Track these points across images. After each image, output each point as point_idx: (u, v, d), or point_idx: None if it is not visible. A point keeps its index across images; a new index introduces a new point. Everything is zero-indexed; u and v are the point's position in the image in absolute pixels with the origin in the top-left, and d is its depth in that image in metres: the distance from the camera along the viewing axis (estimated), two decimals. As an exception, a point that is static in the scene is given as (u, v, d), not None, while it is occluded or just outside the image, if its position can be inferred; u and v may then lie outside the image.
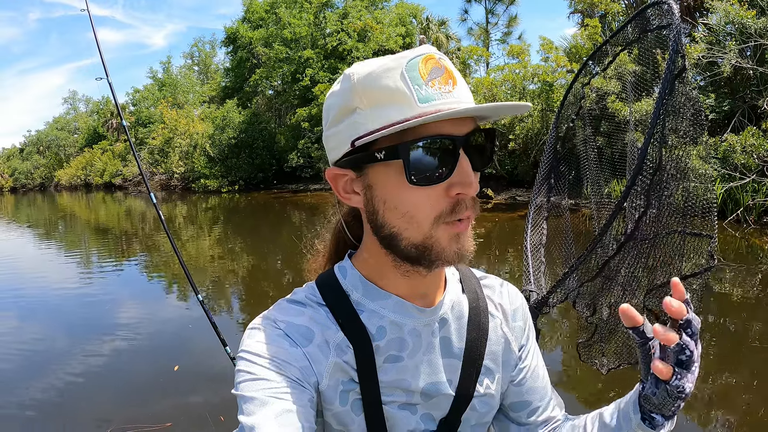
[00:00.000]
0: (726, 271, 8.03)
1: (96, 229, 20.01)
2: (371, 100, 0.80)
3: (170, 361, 5.49)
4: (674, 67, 1.46)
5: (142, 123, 50.15)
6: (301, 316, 0.89)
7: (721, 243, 10.23)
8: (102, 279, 10.56)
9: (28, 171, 75.56)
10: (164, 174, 40.52)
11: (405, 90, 0.78)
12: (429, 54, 0.80)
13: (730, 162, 11.38)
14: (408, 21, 35.07)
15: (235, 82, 42.47)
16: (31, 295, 9.24)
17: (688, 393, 0.76)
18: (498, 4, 35.59)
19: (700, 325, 0.76)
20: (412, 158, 0.78)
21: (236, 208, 25.46)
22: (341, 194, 0.89)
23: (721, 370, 4.67)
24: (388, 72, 0.79)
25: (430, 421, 0.94)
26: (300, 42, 34.06)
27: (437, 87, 0.79)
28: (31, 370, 5.56)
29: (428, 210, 0.80)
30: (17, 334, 6.91)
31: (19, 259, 13.85)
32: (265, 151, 35.36)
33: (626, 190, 1.60)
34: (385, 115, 0.79)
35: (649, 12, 1.71)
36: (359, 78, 0.81)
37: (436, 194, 0.80)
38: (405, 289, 0.91)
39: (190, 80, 57.15)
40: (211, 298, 8.22)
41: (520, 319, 1.07)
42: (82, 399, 4.79)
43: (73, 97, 77.10)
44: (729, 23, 12.85)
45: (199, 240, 15.36)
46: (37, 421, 4.41)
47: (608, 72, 2.17)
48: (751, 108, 13.26)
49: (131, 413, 4.36)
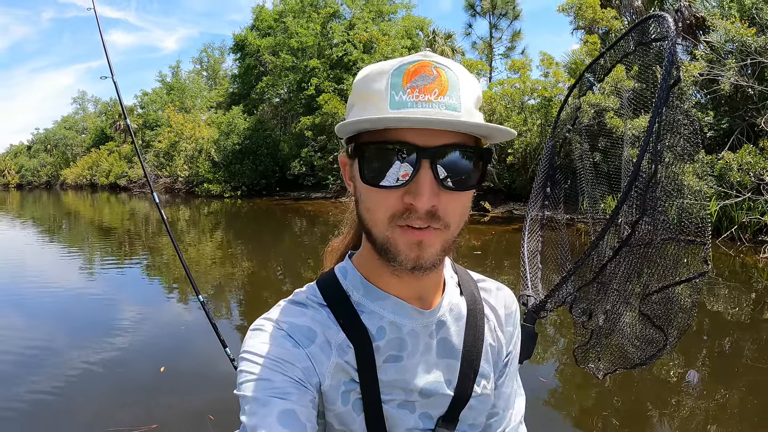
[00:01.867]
0: (720, 289, 8.02)
1: (99, 229, 19.96)
2: (360, 99, 0.84)
3: (158, 363, 5.42)
4: (670, 78, 1.48)
5: (150, 126, 50.20)
6: (303, 317, 0.90)
7: (715, 261, 10.19)
8: (100, 278, 10.51)
9: (35, 168, 75.60)
10: (169, 177, 40.54)
11: (383, 94, 0.79)
12: (423, 61, 0.80)
13: (726, 180, 11.35)
14: (414, 33, 35.10)
15: (242, 88, 42.52)
16: (25, 293, 9.13)
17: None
18: (502, 18, 35.68)
19: None
20: (366, 159, 0.80)
21: (238, 213, 25.40)
22: (347, 180, 0.92)
23: (716, 389, 4.65)
24: (377, 75, 0.82)
25: (428, 420, 0.94)
26: (307, 51, 34.15)
27: (415, 95, 0.78)
28: (15, 370, 5.39)
29: (383, 210, 0.81)
30: (3, 333, 6.72)
31: (19, 255, 13.80)
32: (268, 158, 35.34)
33: (623, 196, 1.61)
34: (361, 114, 0.82)
35: (646, 25, 1.73)
36: (358, 78, 0.85)
37: (394, 197, 0.80)
38: (402, 290, 0.92)
39: (198, 85, 57.21)
40: (209, 301, 8.21)
41: (512, 324, 1.10)
42: (65, 401, 4.65)
43: (82, 97, 77.35)
44: (729, 41, 12.84)
45: (200, 244, 15.34)
46: (16, 423, 4.27)
47: (605, 88, 2.19)
48: (750, 126, 13.23)
49: (117, 415, 4.27)
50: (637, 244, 1.69)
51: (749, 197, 11.14)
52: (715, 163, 11.61)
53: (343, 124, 0.79)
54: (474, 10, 35.49)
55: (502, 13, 35.27)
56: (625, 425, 4.11)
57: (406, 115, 0.75)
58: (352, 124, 0.78)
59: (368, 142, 0.80)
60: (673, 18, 1.63)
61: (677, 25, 17.81)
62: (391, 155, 0.78)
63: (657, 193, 1.59)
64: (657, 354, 1.75)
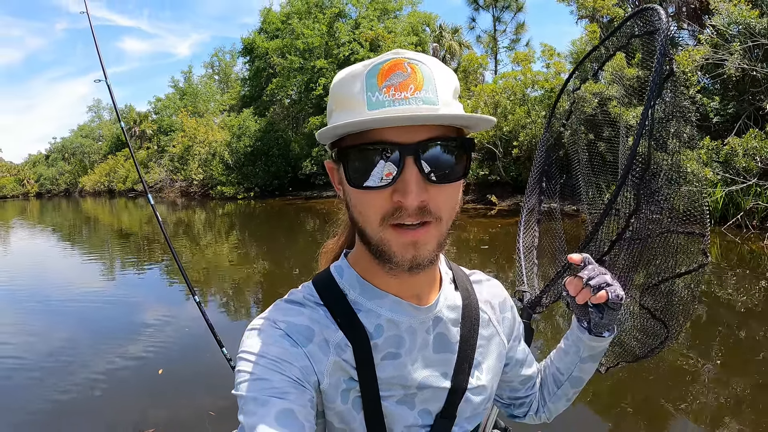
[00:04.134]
0: (729, 278, 7.89)
1: (118, 234, 20.21)
2: (337, 104, 0.84)
3: (158, 365, 5.38)
4: (662, 71, 1.45)
5: (164, 131, 50.65)
6: (301, 316, 0.89)
7: (722, 248, 10.06)
8: (114, 282, 10.70)
9: (54, 177, 76.68)
10: (184, 181, 40.90)
11: (359, 96, 0.79)
12: (395, 59, 0.79)
13: (732, 165, 11.12)
14: (421, 29, 35.04)
15: (253, 91, 42.71)
16: (22, 296, 9.24)
17: (622, 295, 1.01)
18: (505, 11, 35.50)
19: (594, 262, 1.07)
20: (350, 163, 0.80)
21: (251, 214, 25.65)
22: (336, 185, 0.91)
23: (728, 379, 4.55)
24: (352, 78, 0.81)
25: (427, 416, 0.95)
26: (314, 52, 34.19)
27: (391, 93, 0.77)
28: (11, 374, 5.37)
29: (373, 211, 0.81)
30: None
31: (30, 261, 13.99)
32: (280, 158, 35.55)
33: (617, 189, 1.58)
34: (340, 119, 0.80)
35: (638, 17, 1.69)
36: (334, 83, 0.85)
37: (382, 197, 0.80)
38: (398, 288, 0.92)
39: (210, 89, 57.58)
40: (220, 301, 8.25)
41: (507, 311, 1.13)
42: (58, 407, 4.56)
43: (97, 105, 77.75)
44: (732, 23, 12.49)
45: (216, 245, 15.46)
46: (12, 429, 4.22)
47: (607, 77, 2.15)
48: (757, 110, 12.93)
49: (113, 420, 4.24)
50: (635, 237, 1.66)
51: (756, 183, 10.93)
52: (720, 149, 11.36)
53: (323, 131, 0.78)
54: (477, 3, 35.42)
55: (505, 6, 35.10)
56: (640, 418, 4.04)
57: (383, 115, 0.75)
58: (331, 129, 0.77)
59: (351, 145, 0.80)
60: (665, 10, 1.59)
61: (679, 14, 17.71)
62: (374, 156, 0.77)
63: (656, 183, 1.55)
64: (659, 346, 1.71)
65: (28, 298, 9.11)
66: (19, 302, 8.82)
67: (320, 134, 0.79)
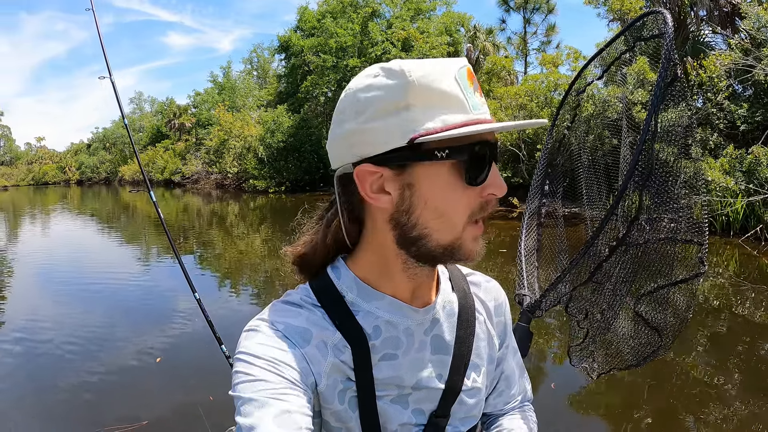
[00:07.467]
0: (746, 290, 7.64)
1: (154, 224, 20.55)
2: (426, 99, 0.78)
3: (154, 357, 5.36)
4: (667, 76, 1.41)
5: (202, 125, 51.26)
6: (299, 317, 0.88)
7: (739, 261, 9.72)
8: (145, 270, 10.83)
9: (94, 165, 78.28)
10: (219, 173, 41.43)
11: (460, 95, 0.79)
12: (468, 66, 0.82)
13: (755, 175, 10.69)
14: (455, 30, 34.76)
15: (289, 87, 42.92)
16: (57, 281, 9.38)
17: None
18: (536, 13, 35.02)
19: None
20: (471, 160, 0.80)
21: (282, 207, 25.75)
22: (368, 194, 0.82)
23: (746, 396, 4.40)
24: (443, 76, 0.79)
25: (420, 416, 0.94)
26: (347, 51, 34.22)
27: (478, 97, 0.81)
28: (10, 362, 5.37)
29: (463, 210, 0.81)
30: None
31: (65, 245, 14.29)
32: (312, 154, 35.72)
33: (618, 195, 1.55)
34: (440, 116, 0.78)
35: (644, 21, 1.66)
36: (417, 77, 0.77)
37: (474, 194, 0.82)
38: (402, 290, 0.91)
39: (248, 84, 58.07)
40: (262, 293, 8.32)
41: (501, 315, 1.11)
42: (52, 400, 4.51)
43: (138, 97, 79.08)
44: (762, 27, 12.00)
45: (247, 237, 15.61)
46: (6, 417, 4.20)
47: (629, 81, 2.10)
48: (787, 119, 12.38)
49: (107, 413, 4.18)
50: (633, 244, 1.63)
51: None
52: (744, 157, 10.95)
53: (442, 135, 0.76)
54: (507, 5, 34.95)
55: (535, 8, 34.63)
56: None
57: (482, 116, 0.81)
58: (469, 130, 0.76)
59: (473, 143, 0.79)
60: (671, 14, 1.55)
61: (711, 17, 17.25)
62: (485, 154, 0.80)
63: (667, 194, 1.52)
64: (652, 355, 1.68)
65: (55, 283, 9.31)
66: (42, 285, 9.01)
67: (422, 133, 0.77)
